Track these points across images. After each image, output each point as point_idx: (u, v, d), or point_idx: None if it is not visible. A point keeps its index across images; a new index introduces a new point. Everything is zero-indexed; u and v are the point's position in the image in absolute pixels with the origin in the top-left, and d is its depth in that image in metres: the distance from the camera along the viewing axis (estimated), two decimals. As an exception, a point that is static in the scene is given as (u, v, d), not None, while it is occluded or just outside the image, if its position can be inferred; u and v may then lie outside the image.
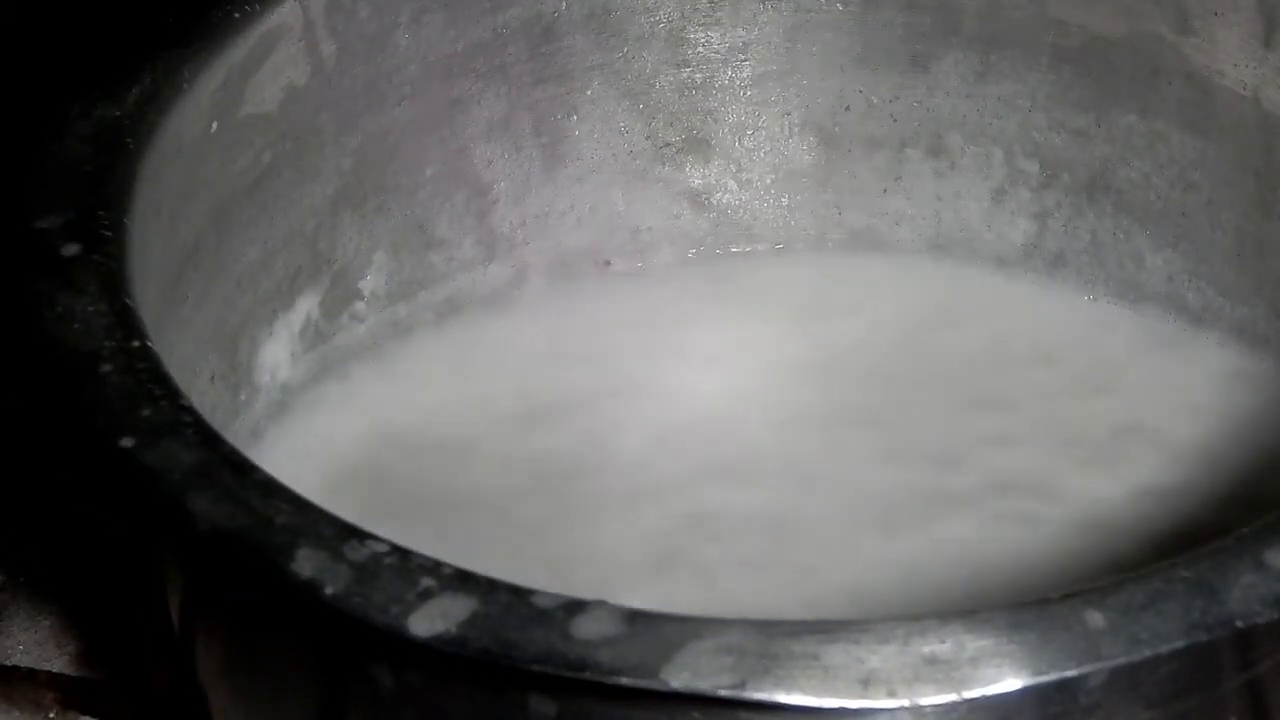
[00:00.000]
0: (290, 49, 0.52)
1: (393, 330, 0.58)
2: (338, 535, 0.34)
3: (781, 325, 0.59)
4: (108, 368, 0.39)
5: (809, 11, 0.60)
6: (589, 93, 0.60)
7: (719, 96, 0.61)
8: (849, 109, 0.61)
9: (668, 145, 0.61)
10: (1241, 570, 0.33)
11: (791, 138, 0.62)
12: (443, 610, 0.33)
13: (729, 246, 0.62)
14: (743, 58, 0.61)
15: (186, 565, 0.39)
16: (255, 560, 0.34)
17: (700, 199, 0.62)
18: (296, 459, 0.53)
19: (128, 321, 0.40)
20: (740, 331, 0.59)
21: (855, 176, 0.62)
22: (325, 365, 0.57)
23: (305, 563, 0.34)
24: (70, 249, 0.42)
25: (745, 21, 0.60)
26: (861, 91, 0.60)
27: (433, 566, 0.33)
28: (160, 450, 0.36)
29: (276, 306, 0.55)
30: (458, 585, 0.33)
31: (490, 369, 0.58)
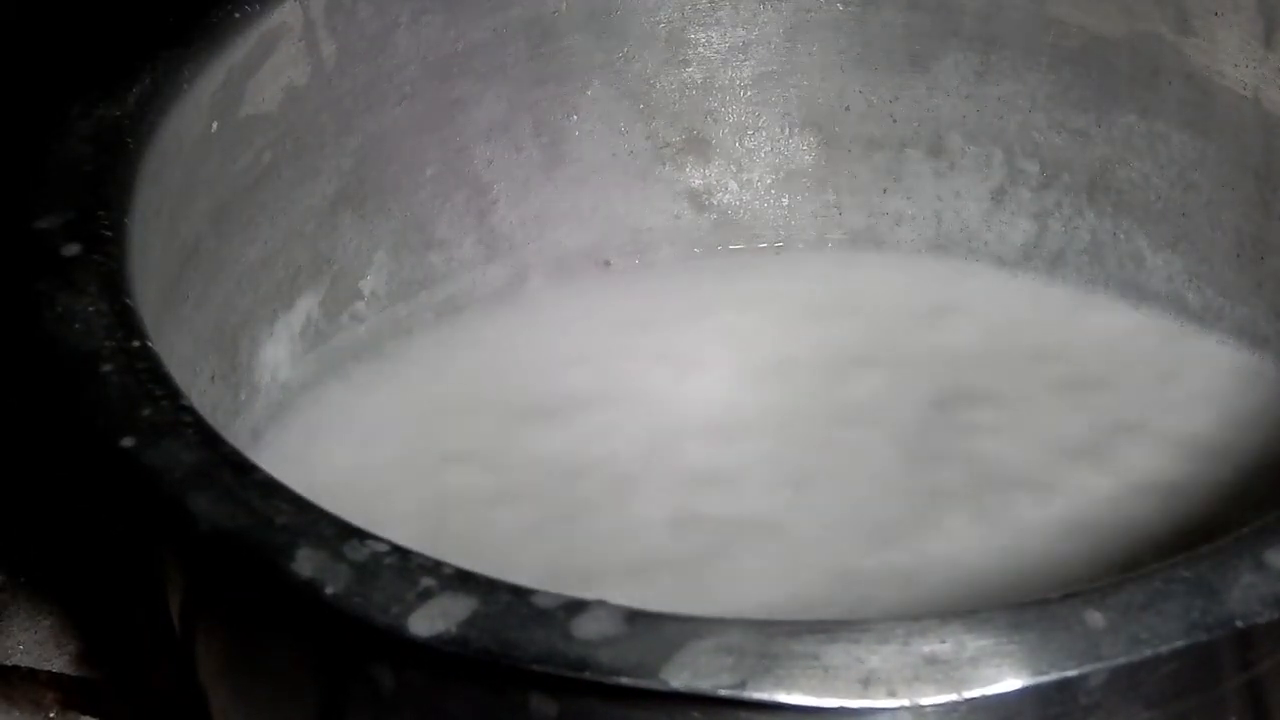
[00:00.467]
0: (290, 49, 0.52)
1: (393, 330, 0.58)
2: (338, 535, 0.34)
3: (781, 325, 0.59)
4: (108, 368, 0.39)
5: (809, 11, 0.60)
6: (589, 93, 0.60)
7: (719, 96, 0.61)
8: (849, 109, 0.61)
9: (668, 145, 0.61)
10: (1241, 570, 0.33)
11: (791, 138, 0.62)
12: (443, 610, 0.33)
13: (729, 246, 0.62)
14: (743, 58, 0.61)
15: (187, 565, 0.39)
16: (255, 560, 0.34)
17: (700, 199, 0.62)
18: (296, 459, 0.53)
19: (128, 321, 0.40)
20: (740, 332, 0.59)
21: (855, 176, 0.62)
22: (325, 365, 0.57)
23: (305, 563, 0.34)
24: (70, 249, 0.42)
25: (745, 21, 0.60)
26: (861, 91, 0.60)
27: (433, 566, 0.33)
28: (160, 450, 0.36)
29: (276, 307, 0.55)
30: (458, 585, 0.33)
31: (490, 369, 0.58)
